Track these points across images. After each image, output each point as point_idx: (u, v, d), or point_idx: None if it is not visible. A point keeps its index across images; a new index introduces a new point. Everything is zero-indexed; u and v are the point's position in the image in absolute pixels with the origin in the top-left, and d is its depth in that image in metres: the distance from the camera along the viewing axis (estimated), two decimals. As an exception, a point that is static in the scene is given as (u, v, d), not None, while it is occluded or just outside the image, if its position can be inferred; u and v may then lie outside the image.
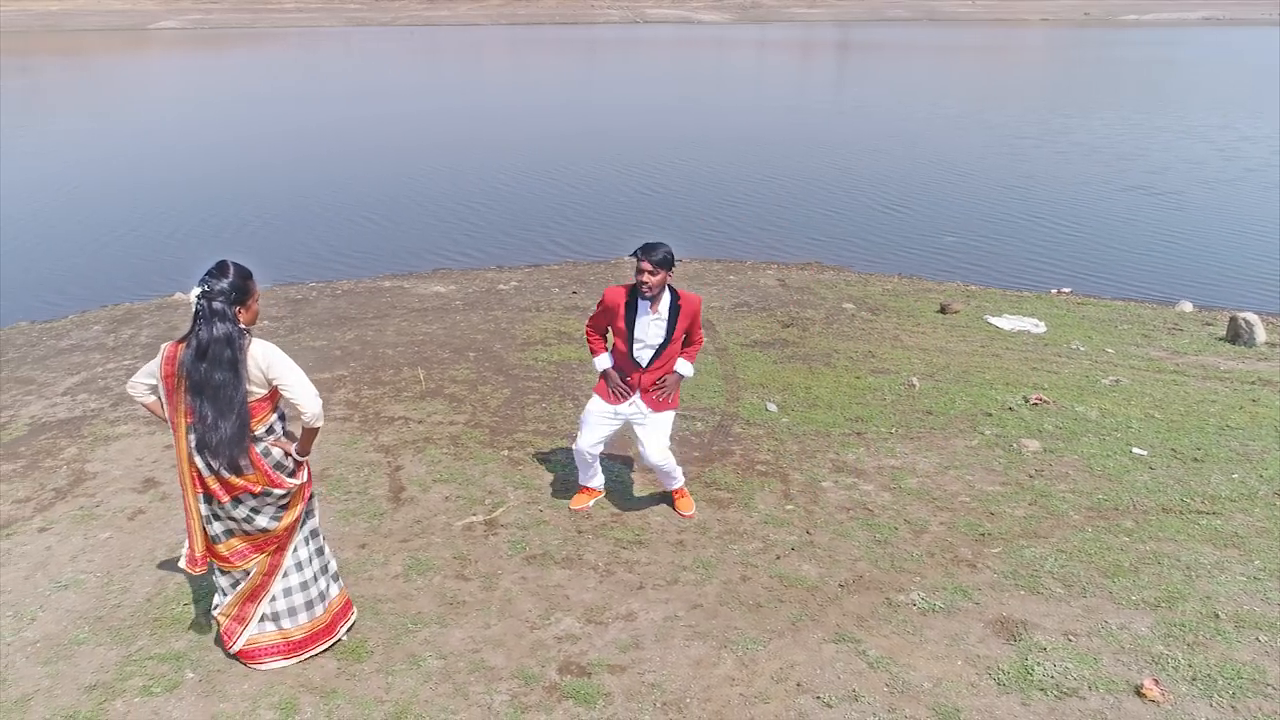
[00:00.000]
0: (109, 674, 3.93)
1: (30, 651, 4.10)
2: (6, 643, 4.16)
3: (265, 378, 3.57)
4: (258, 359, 3.55)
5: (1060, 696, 3.67)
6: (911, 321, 9.64)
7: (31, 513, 5.44)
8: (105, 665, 3.99)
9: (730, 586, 4.55)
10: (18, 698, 3.80)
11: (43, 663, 4.03)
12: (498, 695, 3.76)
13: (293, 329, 9.12)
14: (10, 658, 4.06)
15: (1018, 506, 5.39)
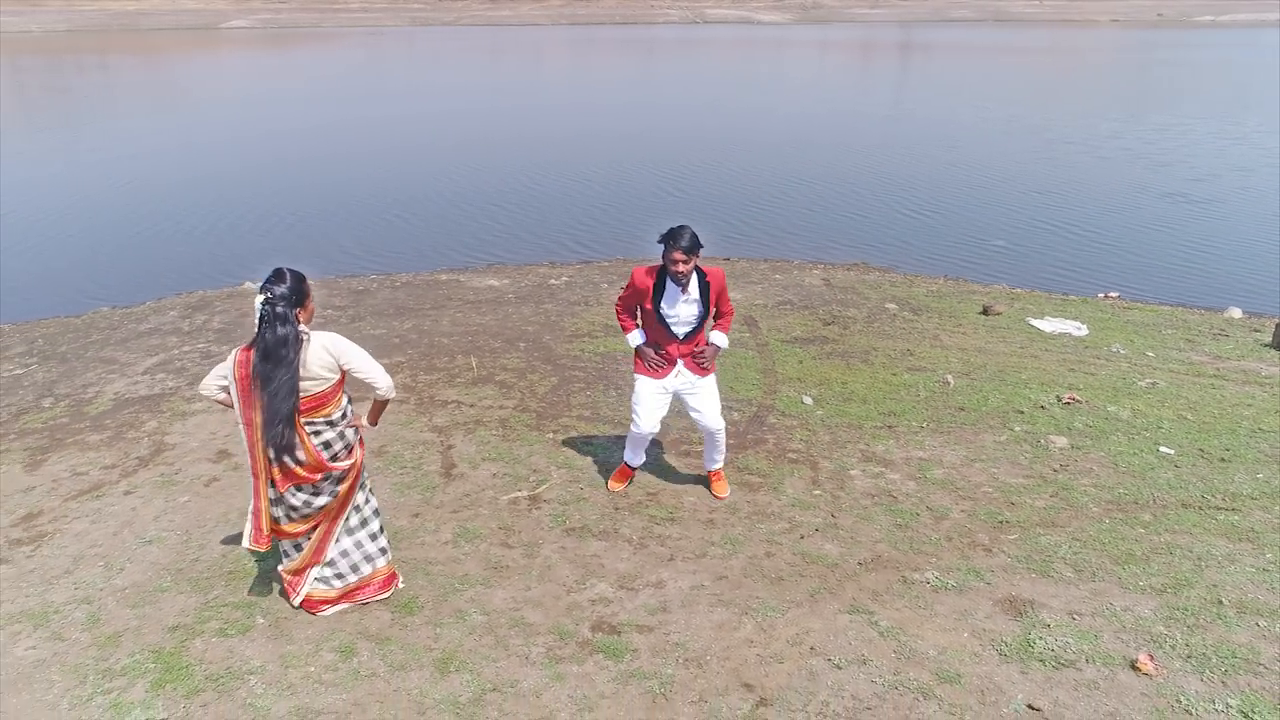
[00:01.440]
0: (189, 617, 4.40)
1: (120, 597, 4.59)
2: (99, 589, 4.66)
3: (337, 364, 3.97)
4: (329, 349, 3.96)
5: (1058, 667, 3.93)
6: (953, 322, 9.82)
7: (118, 477, 5.98)
8: (185, 610, 4.46)
9: (755, 561, 4.87)
10: (110, 634, 4.28)
11: (130, 606, 4.51)
12: (535, 647, 4.14)
13: (354, 318, 9.64)
14: (103, 601, 4.55)
15: (1039, 498, 5.62)
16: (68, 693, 3.88)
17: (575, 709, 3.73)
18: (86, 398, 7.55)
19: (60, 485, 5.90)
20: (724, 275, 5.20)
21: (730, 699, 3.77)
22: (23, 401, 7.57)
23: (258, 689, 3.87)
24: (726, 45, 65.39)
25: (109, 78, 43.38)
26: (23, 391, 7.83)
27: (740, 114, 28.75)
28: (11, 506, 5.62)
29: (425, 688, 3.87)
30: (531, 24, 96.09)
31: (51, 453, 6.43)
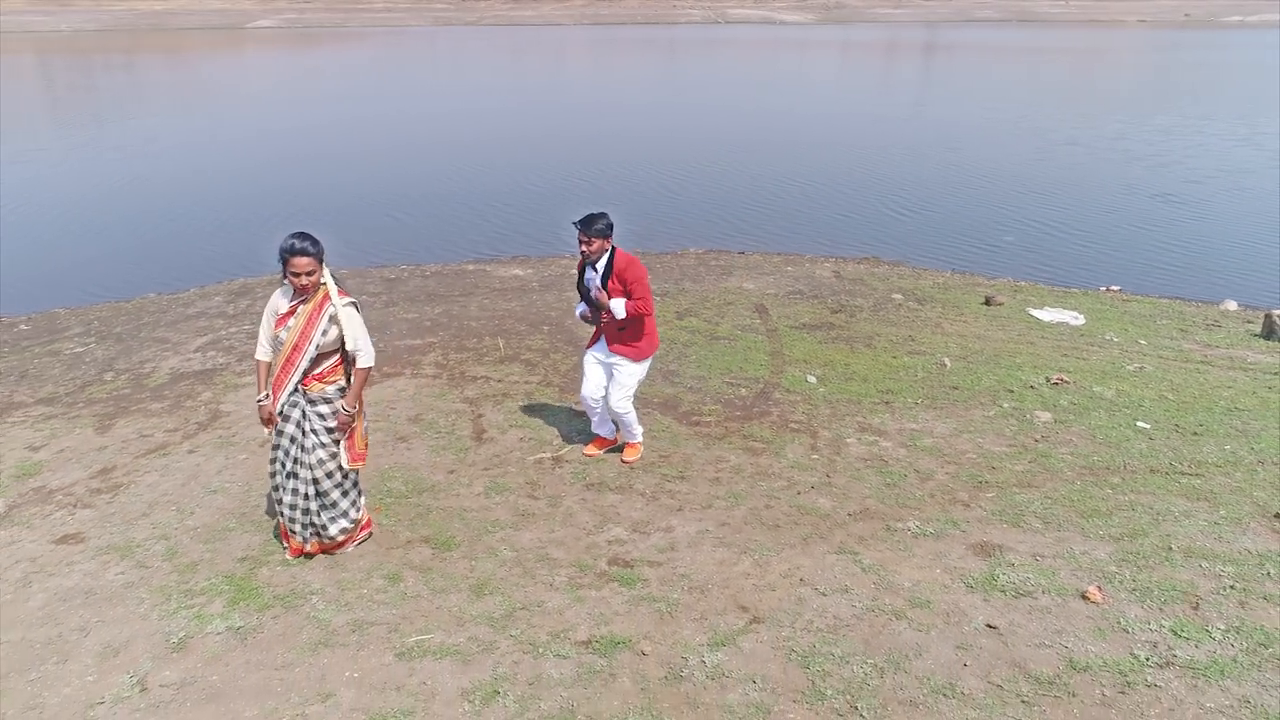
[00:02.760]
0: (255, 551, 5.05)
1: (192, 535, 5.25)
2: (174, 528, 5.33)
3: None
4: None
5: (1017, 596, 4.50)
6: (955, 311, 10.35)
7: (180, 439, 6.65)
8: (251, 546, 5.11)
9: (755, 511, 5.47)
10: (187, 564, 4.94)
11: (203, 542, 5.17)
12: (558, 577, 4.76)
13: (388, 303, 10.31)
14: (178, 538, 5.21)
15: (1018, 463, 6.18)
16: (156, 607, 4.53)
17: (594, 623, 4.34)
18: (145, 372, 8.25)
19: (129, 445, 6.58)
20: (633, 262, 5.64)
21: (727, 617, 4.37)
22: (86, 375, 8.27)
23: (319, 605, 4.51)
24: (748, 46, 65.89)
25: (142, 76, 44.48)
26: (85, 367, 8.53)
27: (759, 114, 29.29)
28: (88, 462, 6.30)
29: (463, 606, 4.50)
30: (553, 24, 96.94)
31: (118, 418, 7.11)
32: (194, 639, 4.26)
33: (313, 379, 4.66)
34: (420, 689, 3.88)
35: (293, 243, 4.43)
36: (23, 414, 7.30)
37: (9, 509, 5.65)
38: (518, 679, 3.93)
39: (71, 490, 5.88)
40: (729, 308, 10.09)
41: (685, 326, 9.33)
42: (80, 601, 4.60)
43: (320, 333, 4.56)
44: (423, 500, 5.64)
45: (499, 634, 4.27)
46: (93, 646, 4.22)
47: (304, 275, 4.46)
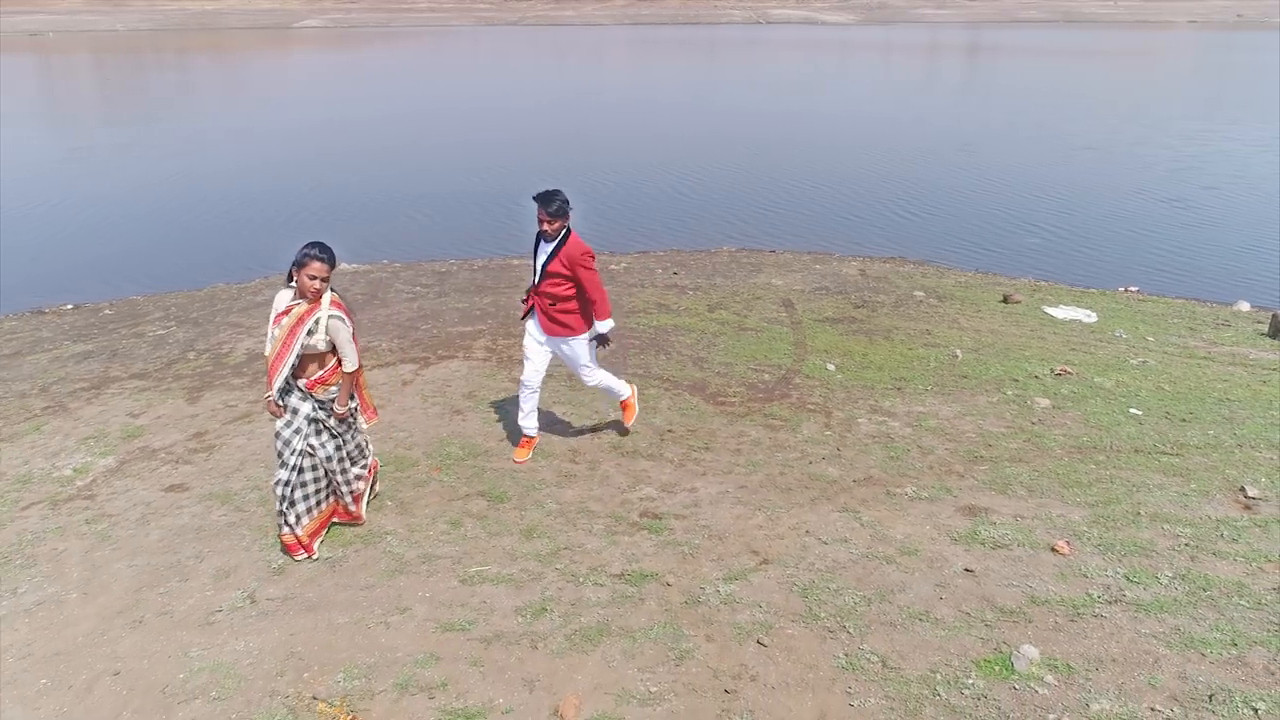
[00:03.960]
0: (334, 500, 5.88)
1: (281, 486, 6.10)
2: (265, 481, 6.18)
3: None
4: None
5: (994, 548, 5.20)
6: (973, 308, 10.99)
7: (261, 409, 7.53)
8: (330, 495, 5.94)
9: (770, 477, 6.21)
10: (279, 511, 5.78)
11: (291, 492, 6.01)
12: (596, 525, 5.55)
13: (440, 294, 11.18)
14: (269, 488, 6.06)
15: (1013, 442, 6.85)
16: (256, 541, 5.38)
17: (626, 560, 5.12)
18: (223, 352, 9.17)
19: (217, 414, 7.48)
20: (582, 251, 5.94)
21: (741, 559, 5.13)
22: (171, 354, 9.21)
23: (393, 543, 5.34)
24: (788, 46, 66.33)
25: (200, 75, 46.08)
26: (169, 347, 9.48)
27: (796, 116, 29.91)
28: (183, 427, 7.21)
29: (515, 546, 5.30)
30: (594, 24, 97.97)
31: (204, 391, 8.02)
32: (290, 566, 5.10)
33: (315, 383, 5.03)
34: (481, 606, 4.69)
35: (312, 250, 4.83)
36: (119, 387, 8.24)
37: (120, 464, 6.55)
38: (562, 600, 4.72)
39: (172, 450, 6.78)
40: (758, 302, 10.81)
41: (715, 318, 10.07)
42: (192, 536, 5.47)
43: (305, 333, 4.90)
44: (478, 462, 6.46)
45: (546, 567, 5.06)
46: (207, 570, 5.08)
47: (318, 279, 4.83)
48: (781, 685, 4.02)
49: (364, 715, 3.88)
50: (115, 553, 5.30)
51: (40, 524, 5.67)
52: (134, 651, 4.37)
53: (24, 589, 4.94)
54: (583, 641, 4.36)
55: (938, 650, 4.22)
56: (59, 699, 4.06)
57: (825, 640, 4.33)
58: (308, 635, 4.46)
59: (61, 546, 5.39)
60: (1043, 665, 4.05)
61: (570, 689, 4.02)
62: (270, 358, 5.00)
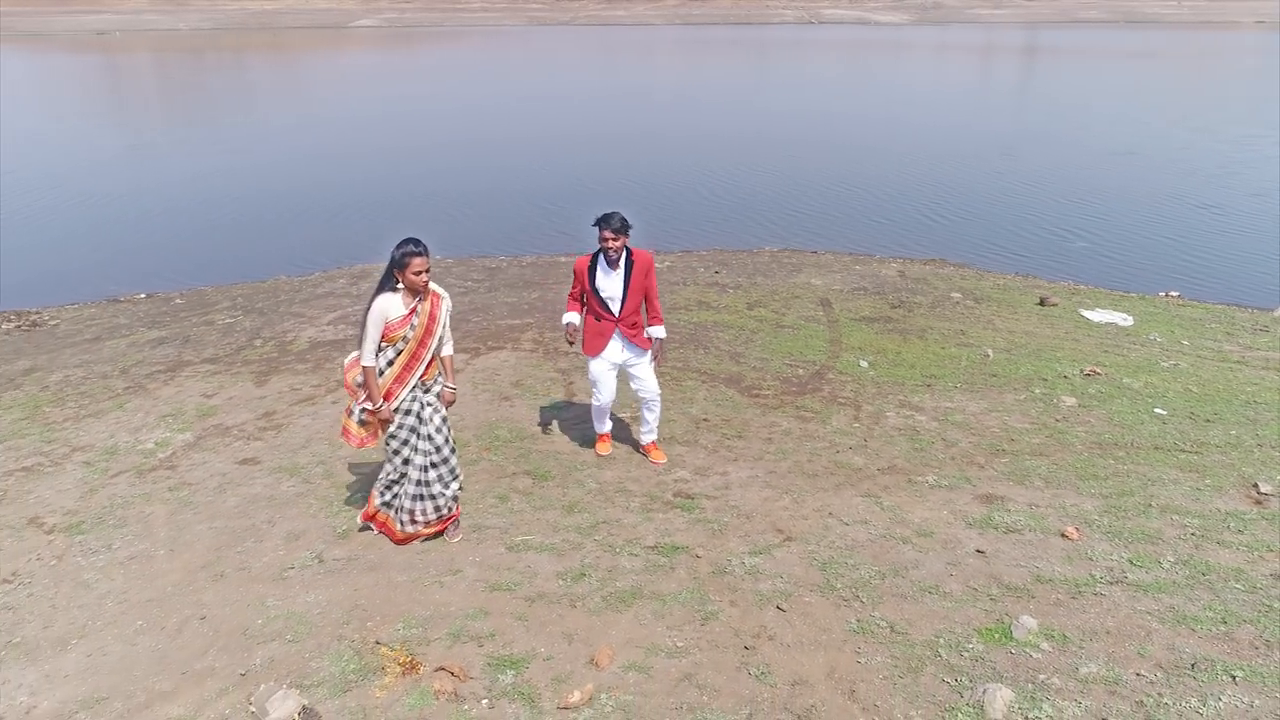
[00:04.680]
0: (393, 475, 6.40)
1: (343, 462, 6.65)
2: (328, 457, 6.74)
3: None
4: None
5: (1007, 532, 5.55)
6: (1009, 310, 11.25)
7: (324, 393, 8.11)
8: (390, 471, 6.47)
9: (798, 464, 6.61)
10: (342, 482, 6.33)
11: (352, 467, 6.56)
12: (633, 503, 6.00)
13: (490, 289, 11.72)
14: (333, 464, 6.62)
15: (1036, 438, 7.16)
16: (322, 509, 5.92)
17: (659, 535, 5.55)
18: (288, 340, 9.78)
19: (284, 396, 8.07)
20: (651, 258, 6.15)
21: (766, 536, 5.54)
22: (238, 341, 9.84)
23: (446, 514, 5.83)
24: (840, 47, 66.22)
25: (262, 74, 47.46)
26: (236, 335, 10.13)
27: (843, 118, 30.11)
28: (253, 407, 7.80)
29: (557, 519, 5.77)
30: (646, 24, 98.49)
31: (271, 375, 8.63)
32: (354, 532, 5.62)
33: (429, 370, 5.23)
34: (525, 570, 5.16)
35: (409, 247, 4.92)
36: (192, 370, 8.88)
37: (197, 439, 7.15)
38: (599, 567, 5.17)
39: (243, 428, 7.36)
40: (796, 300, 11.19)
41: (754, 316, 10.47)
42: (264, 504, 6.02)
43: (443, 325, 5.16)
44: (524, 444, 6.95)
45: (585, 538, 5.52)
46: (279, 533, 5.62)
47: (425, 272, 4.96)
48: (796, 644, 4.43)
49: (421, 658, 4.36)
50: (196, 516, 5.87)
51: (128, 490, 6.27)
52: (217, 600, 4.92)
53: (118, 545, 5.52)
54: (617, 603, 4.80)
55: (943, 619, 4.59)
56: (154, 638, 4.61)
57: (839, 608, 4.73)
58: (370, 591, 4.96)
59: (148, 510, 5.97)
60: (1040, 634, 4.41)
61: (605, 642, 4.46)
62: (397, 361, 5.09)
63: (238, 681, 4.24)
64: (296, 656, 4.41)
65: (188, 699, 4.13)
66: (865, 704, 4.00)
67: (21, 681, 4.30)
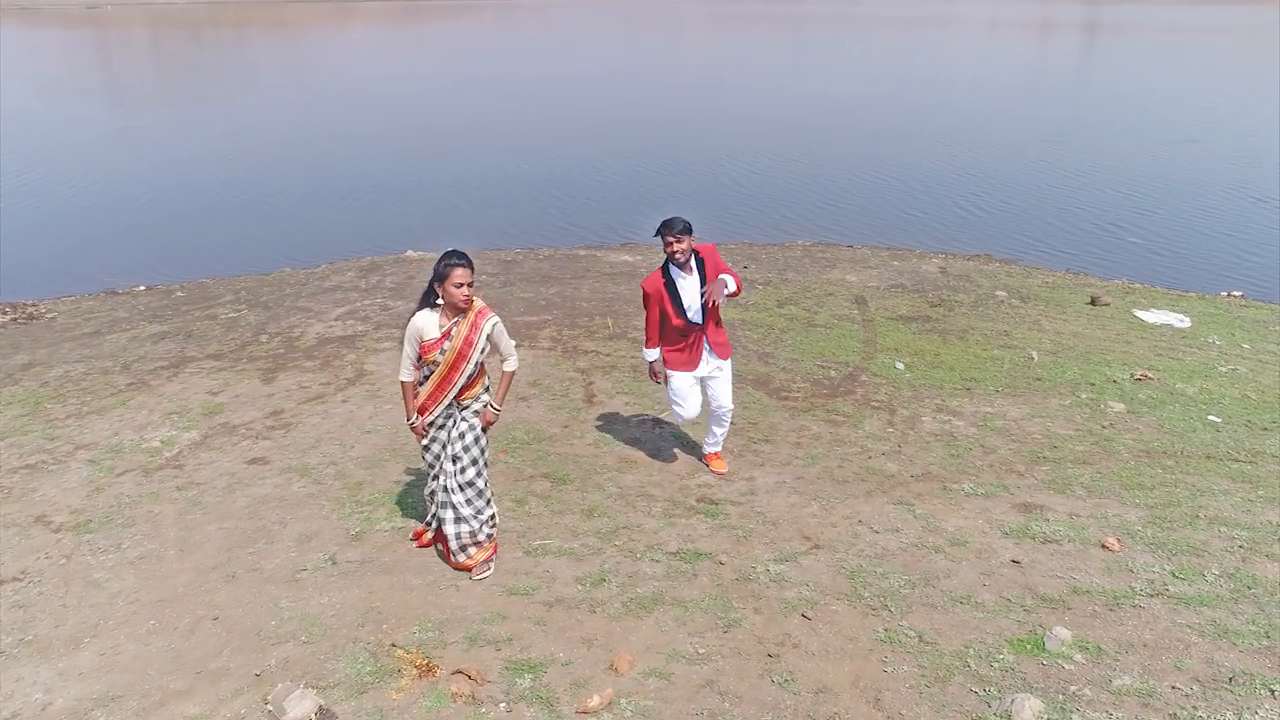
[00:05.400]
0: (408, 477, 6.69)
1: (355, 463, 6.95)
2: (340, 457, 7.03)
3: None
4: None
5: (1044, 542, 5.75)
6: (1057, 310, 11.40)
7: (333, 391, 8.42)
8: (404, 473, 6.77)
9: (828, 470, 6.83)
10: (354, 483, 6.62)
11: (364, 468, 6.85)
12: (655, 508, 6.25)
13: (505, 283, 12.01)
14: (345, 464, 6.91)
15: (1080, 445, 7.34)
16: (335, 511, 6.21)
17: (682, 540, 5.80)
18: (294, 335, 10.11)
19: (292, 394, 8.38)
20: (714, 248, 6.35)
21: (793, 543, 5.77)
22: (244, 336, 10.18)
23: (462, 517, 6.11)
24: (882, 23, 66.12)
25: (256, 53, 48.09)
26: (241, 329, 10.46)
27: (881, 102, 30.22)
28: (260, 405, 8.12)
29: (577, 523, 6.03)
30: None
31: (278, 373, 8.94)
32: (367, 534, 5.90)
33: (466, 390, 5.28)
34: (543, 574, 5.42)
35: (452, 260, 5.00)
36: (196, 366, 9.21)
37: (204, 438, 7.47)
38: (619, 573, 5.43)
39: (251, 426, 7.68)
40: (829, 298, 11.40)
41: (784, 314, 10.69)
42: (275, 504, 6.32)
43: (479, 350, 5.15)
44: (542, 447, 7.22)
45: (605, 544, 5.78)
46: (290, 534, 5.92)
47: (466, 285, 5.00)
48: (821, 653, 4.66)
49: (437, 661, 4.63)
50: (205, 516, 6.18)
51: (135, 489, 6.59)
52: (230, 601, 5.21)
53: (126, 545, 5.83)
54: (638, 608, 5.05)
55: (974, 629, 4.81)
56: (167, 638, 4.91)
57: (867, 617, 4.96)
58: (385, 594, 5.24)
59: (156, 510, 6.28)
60: (1073, 645, 4.62)
61: (625, 647, 4.71)
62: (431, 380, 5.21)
63: (253, 682, 4.53)
64: (312, 658, 4.69)
65: (203, 698, 4.42)
66: (890, 712, 4.23)
67: (36, 679, 4.61)
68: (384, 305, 11.14)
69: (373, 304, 11.23)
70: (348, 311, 10.96)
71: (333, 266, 13.49)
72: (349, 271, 12.98)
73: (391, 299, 11.45)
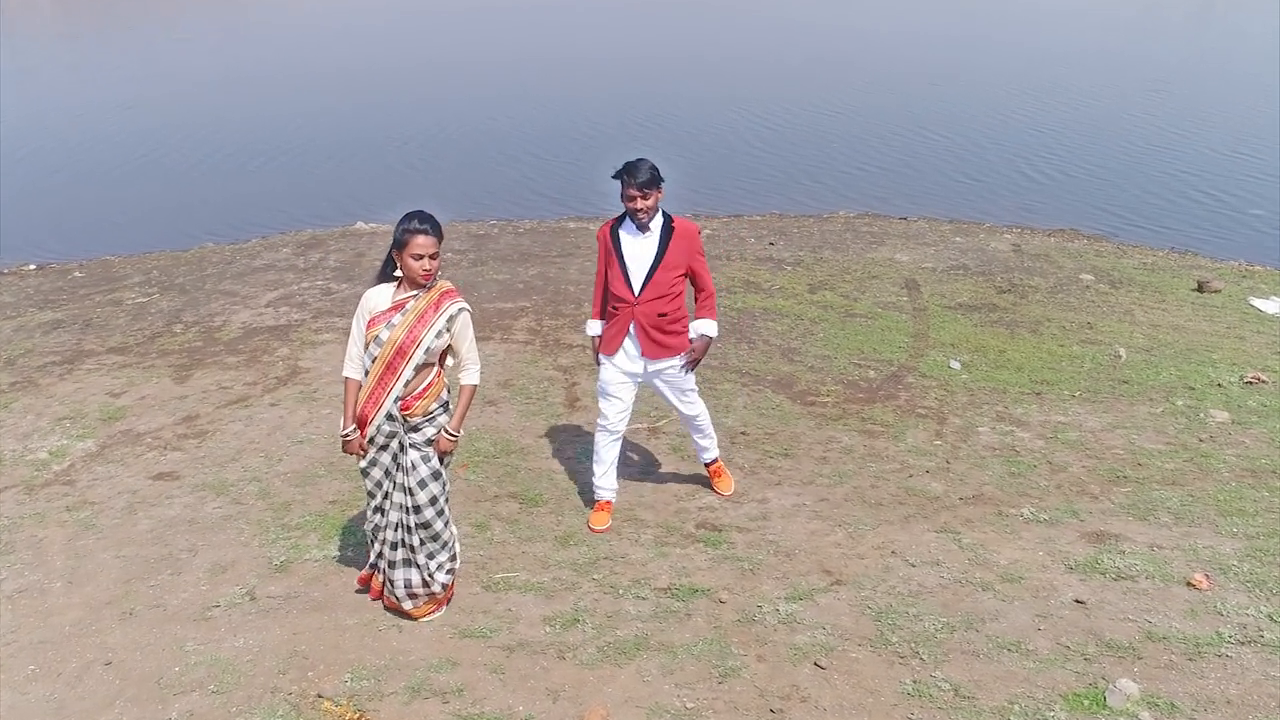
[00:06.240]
0: (345, 497, 6.86)
1: (284, 479, 7.12)
2: (265, 472, 7.21)
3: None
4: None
5: (1116, 579, 5.87)
6: (1155, 297, 11.50)
7: (261, 392, 8.61)
8: (341, 491, 6.94)
9: (859, 490, 6.97)
10: (281, 503, 6.79)
11: (294, 485, 7.03)
12: (644, 535, 6.40)
13: (476, 262, 12.19)
14: (270, 481, 7.09)
15: (1170, 462, 7.45)
16: (256, 537, 6.38)
17: (675, 574, 5.95)
18: (215, 325, 10.30)
19: (209, 396, 8.57)
20: (697, 232, 6.27)
21: (810, 578, 5.91)
22: (154, 326, 10.38)
23: (409, 544, 6.27)
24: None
25: None
26: (151, 318, 10.67)
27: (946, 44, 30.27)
28: (171, 410, 8.31)
29: (549, 553, 6.19)
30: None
31: (194, 370, 9.14)
32: (294, 564, 6.07)
33: (413, 400, 5.18)
34: (505, 614, 5.57)
35: (412, 224, 4.94)
36: (96, 362, 9.41)
37: (101, 448, 7.67)
38: (597, 612, 5.57)
39: (159, 435, 7.87)
40: (873, 282, 11.53)
41: (817, 301, 10.84)
42: (184, 528, 6.49)
43: (434, 333, 5.08)
44: (511, 460, 7.38)
45: (581, 577, 5.92)
46: (202, 564, 6.09)
47: (427, 258, 4.97)
48: (835, 708, 4.80)
49: (372, 716, 4.78)
50: (100, 542, 6.35)
51: (16, 509, 6.78)
52: (125, 643, 5.38)
53: (3, 575, 6.02)
54: (616, 654, 5.20)
55: (1022, 682, 4.94)
56: (49, 685, 5.07)
57: (893, 666, 5.09)
58: (313, 635, 5.40)
59: (41, 534, 6.46)
60: (1140, 702, 4.74)
61: (598, 700, 4.86)
62: (373, 369, 5.13)
63: (150, 738, 4.70)
64: (221, 711, 4.85)
65: (90, 757, 4.59)
66: (915, 780, 4.37)
67: (-109, 733, 4.78)
68: (326, 289, 11.32)
69: (312, 287, 11.42)
70: (281, 296, 11.15)
71: (264, 242, 13.70)
72: (284, 248, 13.19)
73: (335, 281, 11.64)
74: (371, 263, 12.13)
